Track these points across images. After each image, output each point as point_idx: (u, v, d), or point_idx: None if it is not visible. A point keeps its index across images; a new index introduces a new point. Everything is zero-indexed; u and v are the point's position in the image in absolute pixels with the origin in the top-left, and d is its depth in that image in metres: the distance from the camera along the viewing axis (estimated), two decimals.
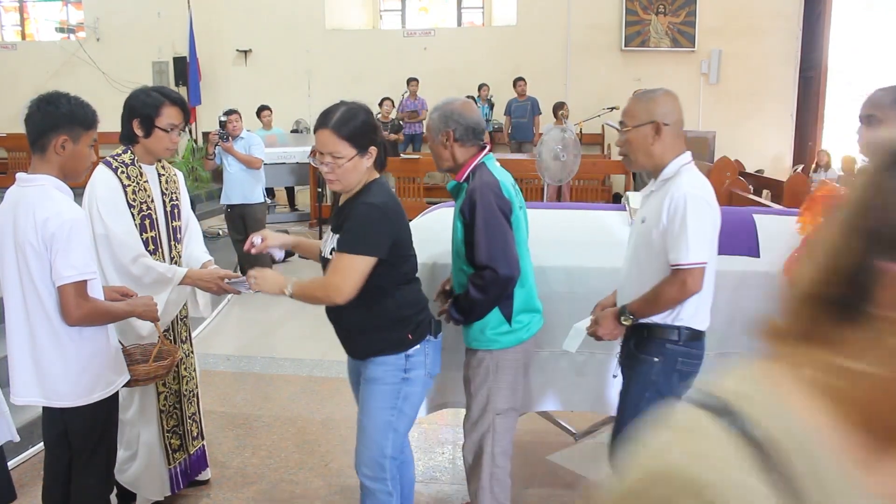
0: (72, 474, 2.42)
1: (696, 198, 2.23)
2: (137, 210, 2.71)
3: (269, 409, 4.12)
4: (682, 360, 2.36)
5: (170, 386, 2.94)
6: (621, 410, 2.52)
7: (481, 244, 2.40)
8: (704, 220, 2.24)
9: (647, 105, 2.34)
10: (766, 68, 11.17)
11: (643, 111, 2.34)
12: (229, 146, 6.37)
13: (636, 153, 2.37)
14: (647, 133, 2.32)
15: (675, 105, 2.36)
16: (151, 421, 2.90)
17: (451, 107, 2.54)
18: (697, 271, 2.23)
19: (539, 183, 8.35)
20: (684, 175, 2.30)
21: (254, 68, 12.24)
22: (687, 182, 2.27)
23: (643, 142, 2.34)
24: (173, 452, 2.99)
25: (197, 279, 2.76)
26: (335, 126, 2.22)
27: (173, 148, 2.79)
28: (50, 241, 2.15)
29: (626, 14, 11.39)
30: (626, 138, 2.38)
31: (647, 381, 2.39)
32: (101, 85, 11.64)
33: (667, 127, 2.31)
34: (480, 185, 2.45)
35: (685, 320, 2.32)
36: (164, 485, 2.96)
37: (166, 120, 2.69)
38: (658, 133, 2.31)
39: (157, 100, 2.68)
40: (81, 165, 2.30)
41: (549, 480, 3.29)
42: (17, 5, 13.67)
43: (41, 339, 2.24)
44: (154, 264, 2.67)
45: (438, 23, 12.67)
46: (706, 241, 2.24)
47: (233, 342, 5.45)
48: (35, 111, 2.22)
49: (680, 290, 2.25)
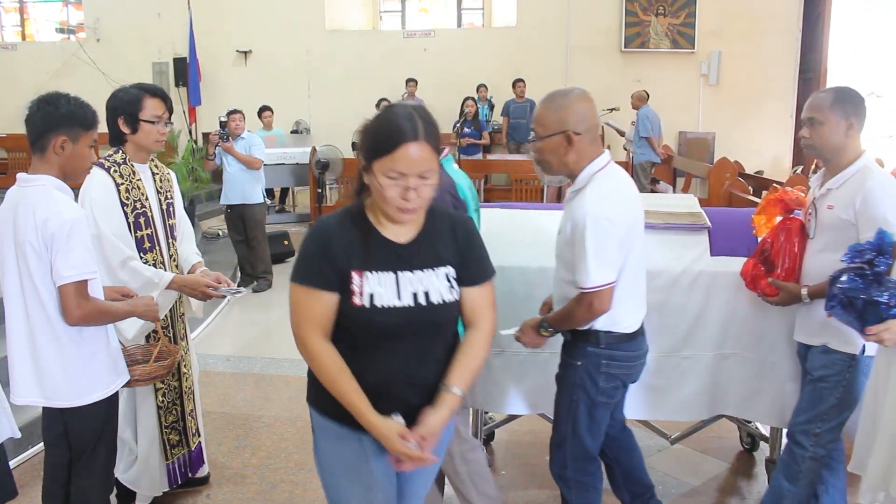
0: (71, 474, 2.42)
1: (595, 217, 2.18)
2: (131, 208, 2.71)
3: (269, 409, 4.12)
4: (605, 363, 2.37)
5: (168, 382, 2.94)
6: (555, 414, 2.55)
7: None
8: (606, 240, 2.19)
9: (558, 114, 2.27)
10: (766, 70, 11.18)
11: (554, 121, 2.27)
12: (229, 146, 6.37)
13: (549, 163, 2.34)
14: (559, 143, 2.27)
15: (587, 110, 2.30)
16: (150, 416, 2.90)
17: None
18: (604, 293, 2.22)
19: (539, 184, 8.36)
20: (591, 187, 2.26)
21: (254, 69, 12.24)
22: (590, 198, 2.23)
23: (556, 152, 2.30)
24: (171, 448, 2.99)
25: (183, 285, 2.77)
26: (428, 136, 1.69)
27: (162, 140, 2.79)
28: (50, 241, 2.16)
29: (625, 15, 11.40)
30: (539, 147, 2.33)
31: (573, 384, 2.43)
32: (101, 85, 11.58)
33: (579, 136, 2.27)
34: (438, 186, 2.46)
35: (604, 326, 2.34)
36: (161, 480, 2.97)
37: (149, 112, 2.71)
38: (570, 143, 2.27)
39: (136, 94, 2.70)
40: (81, 166, 2.30)
41: (548, 481, 3.28)
42: (17, 6, 13.67)
43: (41, 339, 2.24)
44: (141, 268, 2.67)
45: (438, 24, 12.66)
46: (608, 262, 2.21)
47: (233, 343, 5.45)
48: (35, 112, 2.22)
49: (588, 311, 2.26)
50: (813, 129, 2.47)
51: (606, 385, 2.39)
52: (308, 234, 1.80)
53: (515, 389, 2.99)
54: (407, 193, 1.66)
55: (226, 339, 5.50)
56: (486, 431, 3.48)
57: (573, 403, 2.43)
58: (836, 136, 2.42)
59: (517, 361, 2.93)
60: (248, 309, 6.29)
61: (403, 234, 1.77)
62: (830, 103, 2.43)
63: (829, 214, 2.44)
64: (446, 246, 1.81)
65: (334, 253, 1.72)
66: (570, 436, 2.47)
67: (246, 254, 6.72)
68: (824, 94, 2.47)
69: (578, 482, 2.54)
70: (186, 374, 3.03)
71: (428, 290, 1.76)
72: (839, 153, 2.46)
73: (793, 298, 2.52)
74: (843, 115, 2.41)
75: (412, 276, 1.75)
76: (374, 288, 1.72)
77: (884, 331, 2.01)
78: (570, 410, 2.44)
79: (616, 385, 2.43)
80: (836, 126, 2.42)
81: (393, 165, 1.64)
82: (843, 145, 2.44)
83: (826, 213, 2.45)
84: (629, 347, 2.39)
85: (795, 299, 2.52)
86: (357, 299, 1.71)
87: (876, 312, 2.05)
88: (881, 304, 2.04)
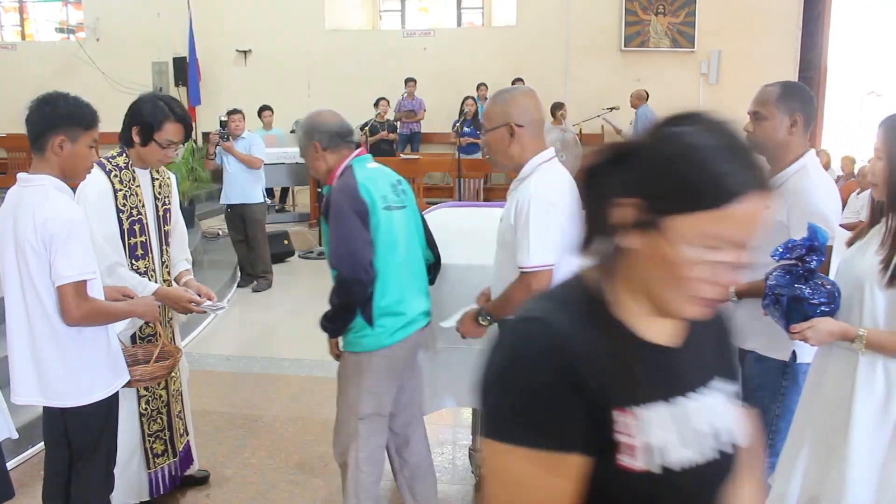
0: (72, 474, 2.42)
1: (540, 200, 2.23)
2: (127, 215, 2.70)
3: (269, 409, 4.12)
4: None
5: (153, 390, 2.89)
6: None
7: (333, 246, 2.44)
8: (548, 222, 2.22)
9: (503, 107, 2.34)
10: (766, 69, 11.15)
11: (498, 114, 2.34)
12: (230, 146, 6.38)
13: (496, 155, 2.40)
14: (503, 135, 2.33)
15: (530, 105, 2.36)
16: (131, 424, 2.85)
17: (311, 120, 2.59)
18: (543, 274, 2.23)
19: None
20: (536, 175, 2.31)
21: (253, 68, 12.23)
22: (535, 183, 2.28)
23: (500, 144, 2.35)
24: (155, 457, 2.94)
25: (164, 297, 2.73)
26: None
27: (166, 162, 2.78)
28: (50, 241, 2.15)
29: (625, 14, 11.39)
30: (486, 140, 2.41)
31: None
32: (100, 85, 11.62)
33: (521, 128, 2.31)
34: (336, 188, 2.50)
35: None
36: (140, 488, 2.92)
37: (165, 136, 2.67)
38: (513, 135, 2.32)
39: (162, 113, 2.66)
40: (81, 165, 2.30)
41: None
42: (16, 5, 13.66)
43: (41, 339, 2.24)
44: (127, 276, 2.66)
45: (438, 23, 12.66)
46: (550, 243, 2.23)
47: (233, 342, 5.45)
48: (34, 111, 2.22)
49: (526, 292, 2.26)
50: (757, 124, 2.39)
51: None
52: (510, 344, 0.99)
53: None
54: (728, 274, 0.97)
55: (226, 339, 5.50)
56: None
57: None
58: (780, 133, 2.35)
59: None
60: (248, 309, 6.29)
61: (667, 330, 1.04)
62: (776, 98, 2.35)
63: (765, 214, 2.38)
64: (711, 342, 1.14)
65: (583, 381, 0.93)
66: None
67: (246, 253, 6.73)
68: (771, 89, 2.38)
69: None
70: (174, 377, 2.99)
71: (726, 426, 1.05)
72: (781, 150, 2.37)
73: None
74: (788, 111, 2.33)
75: (698, 403, 1.03)
76: (657, 435, 0.97)
77: (808, 328, 1.97)
78: None
79: None
80: (780, 122, 2.34)
81: (723, 228, 0.94)
82: (787, 143, 2.35)
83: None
84: None
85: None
86: (630, 459, 0.95)
87: (801, 310, 1.99)
88: (805, 301, 1.98)
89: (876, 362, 1.93)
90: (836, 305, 2.00)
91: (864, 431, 1.93)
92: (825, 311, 1.98)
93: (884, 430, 1.93)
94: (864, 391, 1.94)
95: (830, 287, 2.01)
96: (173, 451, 3.01)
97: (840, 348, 2.00)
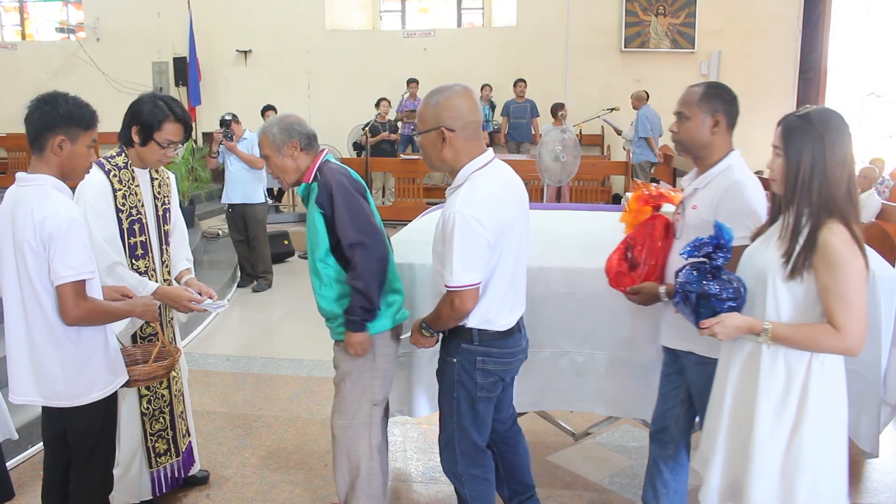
0: (71, 474, 2.42)
1: (464, 217, 2.20)
2: (126, 215, 2.70)
3: (269, 409, 4.12)
4: (481, 360, 2.38)
5: (155, 389, 2.90)
6: (440, 412, 2.55)
7: (347, 224, 2.41)
8: (473, 240, 2.21)
9: (434, 110, 2.29)
10: (766, 70, 11.18)
11: (430, 116, 2.31)
12: (233, 145, 6.40)
13: (429, 158, 2.39)
14: (435, 139, 2.31)
15: (464, 107, 2.30)
16: (132, 423, 2.86)
17: (286, 120, 2.57)
18: (466, 293, 2.24)
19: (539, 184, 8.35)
20: (465, 187, 2.28)
21: (254, 69, 12.23)
22: (462, 198, 2.24)
23: (432, 147, 2.33)
24: (157, 456, 2.94)
25: (164, 297, 2.73)
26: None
27: (165, 162, 2.78)
28: (48, 240, 2.15)
29: (625, 15, 11.39)
30: (420, 142, 2.39)
31: (452, 380, 2.43)
32: (101, 85, 11.64)
33: (453, 133, 2.28)
34: (330, 173, 2.50)
35: (477, 324, 2.35)
36: (142, 488, 2.92)
37: (165, 135, 2.67)
38: (444, 140, 2.29)
39: (161, 113, 2.65)
40: (80, 165, 2.29)
41: (547, 481, 3.29)
42: (17, 5, 13.66)
43: (39, 339, 2.24)
44: (127, 275, 2.65)
45: (438, 24, 12.66)
46: (473, 263, 2.22)
47: (232, 342, 5.45)
48: (33, 111, 2.22)
49: (451, 309, 2.28)
50: (681, 124, 2.41)
51: (484, 381, 2.41)
52: None
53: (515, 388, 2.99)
54: None
55: (226, 339, 5.49)
56: None
57: (455, 400, 2.44)
58: (702, 133, 2.36)
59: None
60: (248, 309, 6.29)
61: None
62: (698, 99, 2.37)
63: (693, 215, 2.39)
64: None
65: None
66: (456, 431, 2.48)
67: (246, 253, 6.73)
68: (695, 89, 2.41)
69: (471, 476, 2.54)
70: (176, 377, 3.00)
71: None
72: (705, 150, 2.39)
73: (651, 298, 2.45)
74: (710, 111, 2.35)
75: None
76: None
77: (716, 324, 2.00)
78: (452, 407, 2.45)
79: (494, 380, 2.43)
80: (703, 122, 2.35)
81: None
82: (710, 142, 2.37)
83: (691, 214, 2.41)
84: (504, 345, 2.40)
85: (654, 298, 2.44)
86: None
87: (709, 306, 2.03)
88: (713, 297, 2.03)
89: (777, 354, 2.00)
90: (743, 300, 2.06)
91: (767, 422, 2.01)
92: (732, 306, 2.03)
93: (784, 420, 2.00)
94: (767, 382, 2.01)
95: (737, 283, 2.06)
96: (176, 450, 3.02)
97: (744, 341, 2.06)
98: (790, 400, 2.00)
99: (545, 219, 3.76)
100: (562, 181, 7.96)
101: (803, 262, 1.94)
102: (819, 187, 1.95)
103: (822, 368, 1.99)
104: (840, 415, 2.03)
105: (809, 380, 1.98)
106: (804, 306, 1.98)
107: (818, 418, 1.99)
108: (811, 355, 1.99)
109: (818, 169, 1.95)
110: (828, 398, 2.00)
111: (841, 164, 1.96)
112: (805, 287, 1.96)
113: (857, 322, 1.91)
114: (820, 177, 1.95)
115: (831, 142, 1.96)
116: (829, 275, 1.91)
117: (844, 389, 2.04)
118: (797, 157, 1.98)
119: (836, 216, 1.94)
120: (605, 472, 3.38)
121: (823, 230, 1.93)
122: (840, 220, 1.94)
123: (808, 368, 1.99)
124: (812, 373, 1.98)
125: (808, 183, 1.96)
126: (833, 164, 1.95)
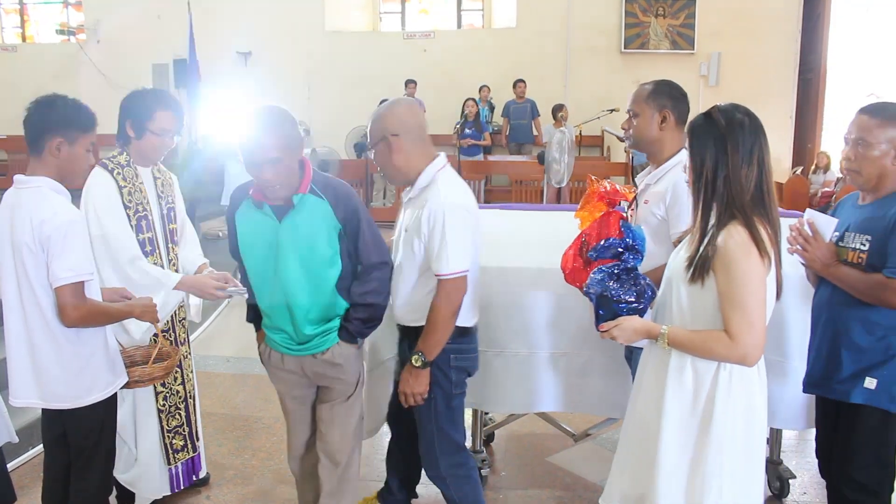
0: (71, 475, 2.42)
1: (455, 206, 2.27)
2: (133, 211, 2.71)
3: (269, 410, 4.11)
4: (454, 357, 2.41)
5: (170, 386, 2.93)
6: (417, 417, 2.53)
7: (370, 244, 2.37)
8: (463, 227, 2.28)
9: (377, 124, 2.38)
10: (766, 70, 11.18)
11: (376, 130, 2.38)
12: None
13: (385, 170, 2.43)
14: (384, 149, 2.36)
15: (404, 113, 2.36)
16: (150, 420, 2.89)
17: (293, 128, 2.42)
18: (460, 280, 2.29)
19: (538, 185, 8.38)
20: (441, 182, 2.32)
21: (254, 70, 12.24)
22: (444, 191, 2.30)
23: (384, 159, 2.38)
24: (175, 452, 2.98)
25: (190, 286, 2.77)
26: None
27: (164, 151, 2.79)
28: (46, 242, 2.15)
29: (625, 16, 11.41)
30: (374, 160, 2.44)
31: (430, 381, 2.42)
32: (101, 87, 11.62)
33: (397, 137, 2.32)
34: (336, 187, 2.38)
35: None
36: (161, 483, 2.96)
37: (158, 124, 2.70)
38: (390, 146, 2.33)
39: (151, 103, 2.69)
40: (79, 168, 2.30)
41: (548, 481, 3.29)
42: (17, 7, 13.68)
43: (39, 341, 2.24)
44: (150, 268, 2.67)
45: (438, 25, 12.67)
46: (463, 249, 2.28)
47: (233, 344, 5.44)
48: (32, 113, 2.23)
49: (447, 300, 2.29)
50: (631, 122, 2.48)
51: (457, 378, 2.45)
52: None
53: (515, 389, 2.99)
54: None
55: (226, 341, 5.50)
56: (486, 432, 3.48)
57: (431, 401, 2.44)
58: (651, 129, 2.43)
59: (516, 361, 2.93)
60: None
61: None
62: (646, 96, 2.43)
63: (645, 210, 2.43)
64: None
65: None
66: (436, 434, 2.49)
67: None
68: (644, 87, 2.47)
69: (455, 476, 2.55)
70: (189, 377, 3.03)
71: None
72: (656, 146, 2.45)
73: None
74: (657, 107, 2.41)
75: None
76: None
77: (614, 327, 1.98)
78: (429, 409, 2.46)
79: (464, 377, 2.49)
80: (651, 119, 2.42)
81: None
82: (660, 138, 2.43)
83: (643, 209, 2.44)
84: (470, 340, 2.47)
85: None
86: None
87: (609, 308, 2.01)
88: (612, 299, 1.99)
89: (685, 360, 1.94)
90: (646, 303, 2.02)
91: (674, 428, 1.95)
92: (633, 308, 2.00)
93: (692, 427, 1.93)
94: (675, 388, 1.95)
95: (642, 285, 2.02)
96: (192, 445, 3.05)
97: (654, 346, 2.02)
98: (697, 408, 1.92)
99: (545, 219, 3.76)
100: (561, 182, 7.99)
101: (702, 266, 1.87)
102: (723, 187, 1.88)
103: (729, 377, 1.89)
104: (752, 425, 1.92)
105: (717, 388, 1.89)
106: (712, 312, 1.89)
107: (726, 428, 1.89)
108: (718, 363, 1.90)
109: (721, 169, 1.88)
110: (737, 407, 1.90)
111: (748, 162, 1.87)
112: (707, 292, 1.89)
113: (750, 330, 1.82)
114: (724, 177, 1.88)
115: (734, 140, 1.88)
116: (724, 279, 1.84)
117: (759, 395, 1.94)
118: (701, 156, 1.92)
119: (738, 218, 1.86)
120: (605, 473, 3.34)
121: (723, 232, 1.86)
122: (742, 221, 1.86)
123: (714, 376, 1.90)
124: (719, 381, 1.90)
125: (712, 183, 1.90)
126: (737, 163, 1.87)
